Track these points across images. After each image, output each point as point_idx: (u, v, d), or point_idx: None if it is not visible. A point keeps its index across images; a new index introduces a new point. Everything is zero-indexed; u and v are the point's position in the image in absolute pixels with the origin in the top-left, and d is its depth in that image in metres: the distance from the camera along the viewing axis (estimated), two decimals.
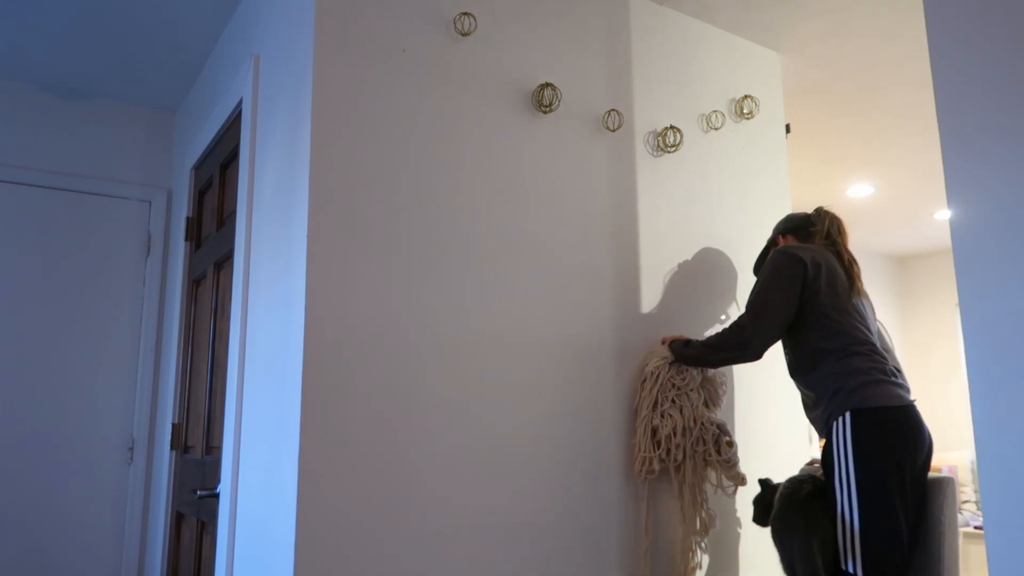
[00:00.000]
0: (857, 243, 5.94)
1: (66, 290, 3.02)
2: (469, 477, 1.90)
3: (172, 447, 2.84)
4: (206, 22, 2.66)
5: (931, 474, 2.10)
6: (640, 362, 2.25)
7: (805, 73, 3.12)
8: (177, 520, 2.76)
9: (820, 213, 2.23)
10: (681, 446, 2.13)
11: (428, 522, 1.82)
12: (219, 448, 2.36)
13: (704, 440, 2.16)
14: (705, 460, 2.18)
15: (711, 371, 2.27)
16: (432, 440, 1.86)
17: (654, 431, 2.14)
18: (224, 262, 2.52)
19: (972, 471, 5.42)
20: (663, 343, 2.26)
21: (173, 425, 2.84)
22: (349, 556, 1.71)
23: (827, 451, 1.94)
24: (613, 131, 2.34)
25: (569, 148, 2.25)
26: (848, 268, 2.10)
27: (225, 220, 2.57)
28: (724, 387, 2.29)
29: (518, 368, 2.04)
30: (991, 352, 1.23)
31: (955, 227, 1.30)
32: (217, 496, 2.27)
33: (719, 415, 2.30)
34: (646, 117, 2.44)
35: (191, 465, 2.65)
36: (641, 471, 2.13)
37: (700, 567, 2.23)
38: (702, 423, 2.17)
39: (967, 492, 5.33)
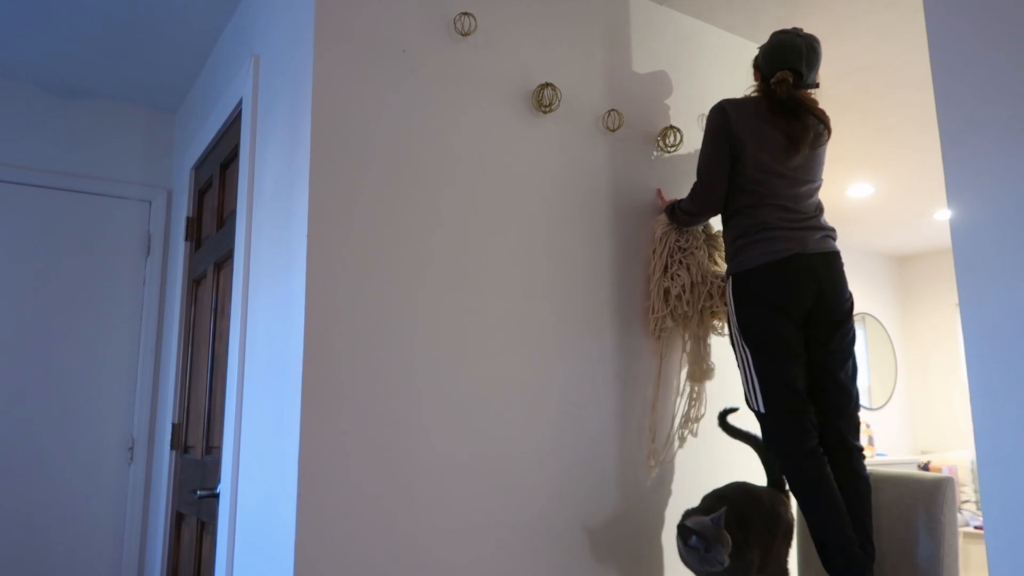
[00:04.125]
0: (857, 243, 5.94)
1: (66, 290, 3.02)
2: (470, 476, 1.90)
3: (172, 447, 2.84)
4: (206, 22, 2.66)
5: (931, 474, 2.11)
6: (650, 228, 2.37)
7: None
8: (177, 520, 2.76)
9: (782, 42, 2.15)
10: (690, 302, 2.25)
11: (428, 522, 1.82)
12: (219, 448, 2.36)
13: (711, 294, 2.28)
14: (712, 312, 2.32)
15: (715, 228, 2.41)
16: (432, 439, 1.86)
17: (666, 292, 2.27)
18: (224, 262, 2.52)
19: (972, 471, 5.42)
20: (661, 201, 2.39)
21: (173, 425, 2.84)
22: (349, 556, 1.70)
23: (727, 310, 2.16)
24: (613, 131, 2.34)
25: (569, 148, 2.24)
26: (789, 122, 2.09)
27: (225, 220, 2.57)
28: None
29: (520, 370, 2.03)
30: (991, 352, 1.23)
31: (955, 227, 1.30)
32: (217, 496, 2.27)
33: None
34: (645, 116, 2.44)
35: (191, 465, 2.65)
36: (655, 329, 2.27)
37: (698, 418, 2.35)
38: (709, 278, 2.28)
39: (967, 492, 5.33)
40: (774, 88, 2.13)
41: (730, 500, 2.01)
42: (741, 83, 2.74)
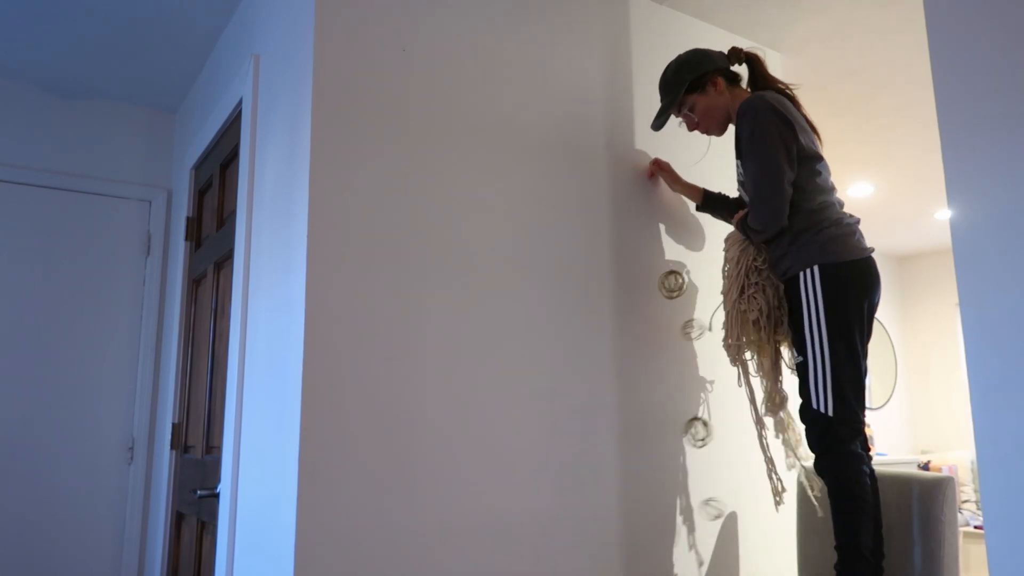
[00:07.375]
0: None
1: (66, 290, 3.02)
2: (471, 475, 1.90)
3: (172, 447, 2.84)
4: (206, 22, 2.66)
5: (931, 474, 2.11)
6: (724, 246, 2.24)
7: (805, 73, 3.12)
8: (177, 520, 2.76)
9: (739, 54, 2.19)
10: (766, 328, 2.12)
11: (429, 521, 1.82)
12: (219, 448, 2.36)
13: (782, 320, 2.13)
14: (784, 338, 2.17)
15: None
16: (433, 439, 1.86)
17: (742, 315, 2.12)
18: (224, 262, 2.52)
19: (972, 471, 5.42)
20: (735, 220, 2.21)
21: (173, 425, 2.85)
22: (349, 556, 1.70)
23: (794, 301, 2.01)
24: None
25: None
26: (806, 117, 2.12)
27: (225, 220, 2.57)
28: None
29: (522, 369, 2.03)
30: (991, 352, 1.23)
31: (955, 227, 1.30)
32: (217, 496, 2.27)
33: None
34: (645, 116, 2.44)
35: (191, 465, 2.65)
36: (737, 358, 2.14)
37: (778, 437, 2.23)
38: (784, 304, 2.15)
39: (967, 492, 5.33)
40: (769, 75, 2.17)
41: None
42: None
